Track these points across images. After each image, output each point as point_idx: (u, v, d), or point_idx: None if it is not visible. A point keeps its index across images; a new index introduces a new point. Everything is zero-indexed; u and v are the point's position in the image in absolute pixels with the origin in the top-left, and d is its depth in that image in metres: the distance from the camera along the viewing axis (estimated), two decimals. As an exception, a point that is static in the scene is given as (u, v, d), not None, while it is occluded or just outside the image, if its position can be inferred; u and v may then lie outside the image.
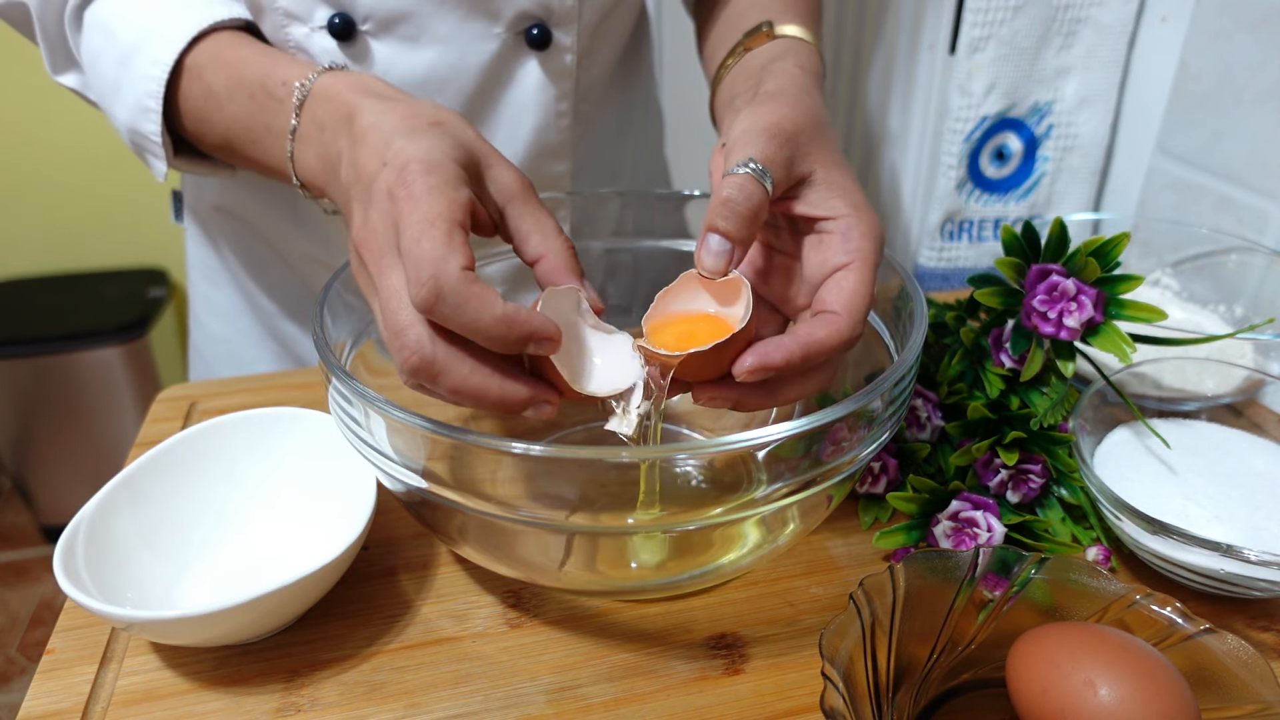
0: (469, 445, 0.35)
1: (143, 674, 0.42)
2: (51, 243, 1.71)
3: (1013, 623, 0.39)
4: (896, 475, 0.51)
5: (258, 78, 0.45)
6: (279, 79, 0.44)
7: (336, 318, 0.45)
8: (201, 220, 0.69)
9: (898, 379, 0.38)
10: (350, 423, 0.39)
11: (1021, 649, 0.37)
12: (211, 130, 0.49)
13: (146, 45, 0.48)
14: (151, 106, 0.48)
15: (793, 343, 0.36)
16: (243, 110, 0.46)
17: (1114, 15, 0.75)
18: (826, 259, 0.39)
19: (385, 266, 0.36)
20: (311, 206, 0.62)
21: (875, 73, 0.92)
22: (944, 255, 0.85)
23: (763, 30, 0.51)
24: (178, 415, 0.61)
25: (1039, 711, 0.35)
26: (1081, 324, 0.48)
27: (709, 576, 0.43)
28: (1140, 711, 0.33)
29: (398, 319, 0.34)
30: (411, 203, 0.34)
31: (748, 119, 0.40)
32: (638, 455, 0.39)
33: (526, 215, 0.39)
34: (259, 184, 0.62)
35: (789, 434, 0.35)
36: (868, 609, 0.37)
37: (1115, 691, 0.33)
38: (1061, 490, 0.50)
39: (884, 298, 0.48)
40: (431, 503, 0.39)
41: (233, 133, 0.47)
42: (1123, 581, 0.38)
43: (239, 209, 0.65)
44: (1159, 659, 0.34)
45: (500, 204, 0.39)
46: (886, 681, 0.37)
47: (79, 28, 0.51)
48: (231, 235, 0.67)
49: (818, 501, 0.41)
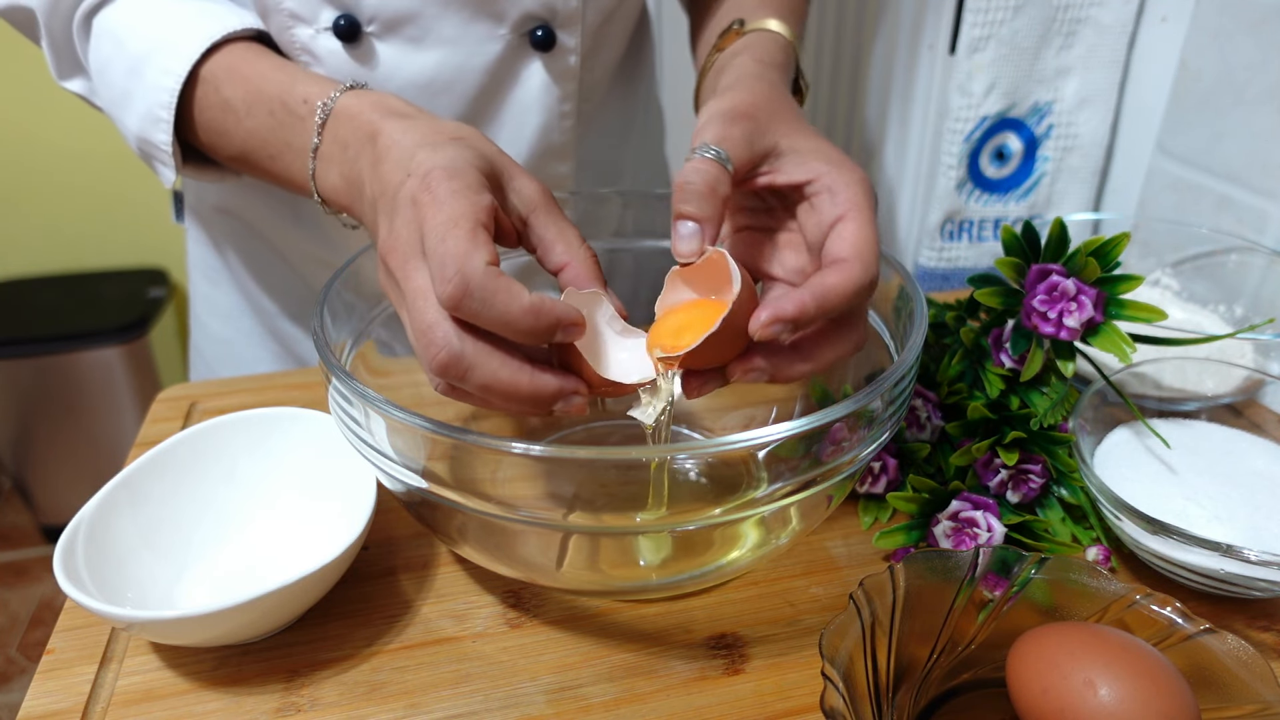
0: (469, 445, 0.35)
1: (143, 674, 0.42)
2: (51, 243, 1.71)
3: (1013, 623, 0.39)
4: (896, 475, 0.51)
5: (277, 94, 0.46)
6: (300, 96, 0.45)
7: (336, 318, 0.45)
8: (203, 220, 0.69)
9: (898, 379, 0.38)
10: (350, 423, 0.39)
11: (1021, 649, 0.37)
12: (228, 143, 0.49)
13: (158, 55, 0.48)
14: (163, 116, 0.48)
15: (804, 292, 0.35)
16: (262, 125, 0.46)
17: (1114, 15, 0.75)
18: (821, 219, 0.39)
19: (410, 270, 0.36)
20: (313, 207, 0.62)
21: (875, 73, 0.92)
22: (944, 255, 0.85)
23: (733, 29, 0.52)
24: (178, 415, 0.61)
25: (1039, 711, 0.35)
26: (1081, 324, 0.48)
27: (709, 576, 0.43)
28: (1140, 711, 0.33)
29: (424, 318, 0.34)
30: (435, 206, 0.35)
31: (703, 113, 0.41)
32: (639, 455, 0.39)
33: (550, 224, 0.39)
34: (260, 185, 0.62)
35: (789, 434, 0.35)
36: (868, 609, 0.37)
37: (1115, 691, 0.33)
38: (1061, 490, 0.50)
39: (884, 298, 0.48)
40: (431, 503, 0.39)
41: (249, 146, 0.48)
42: (1123, 581, 0.38)
43: (240, 209, 0.65)
44: (1159, 659, 0.34)
45: (524, 214, 0.40)
46: (886, 681, 0.37)
47: (87, 35, 0.51)
48: (233, 235, 0.67)
49: (818, 501, 0.41)
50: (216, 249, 0.69)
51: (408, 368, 0.56)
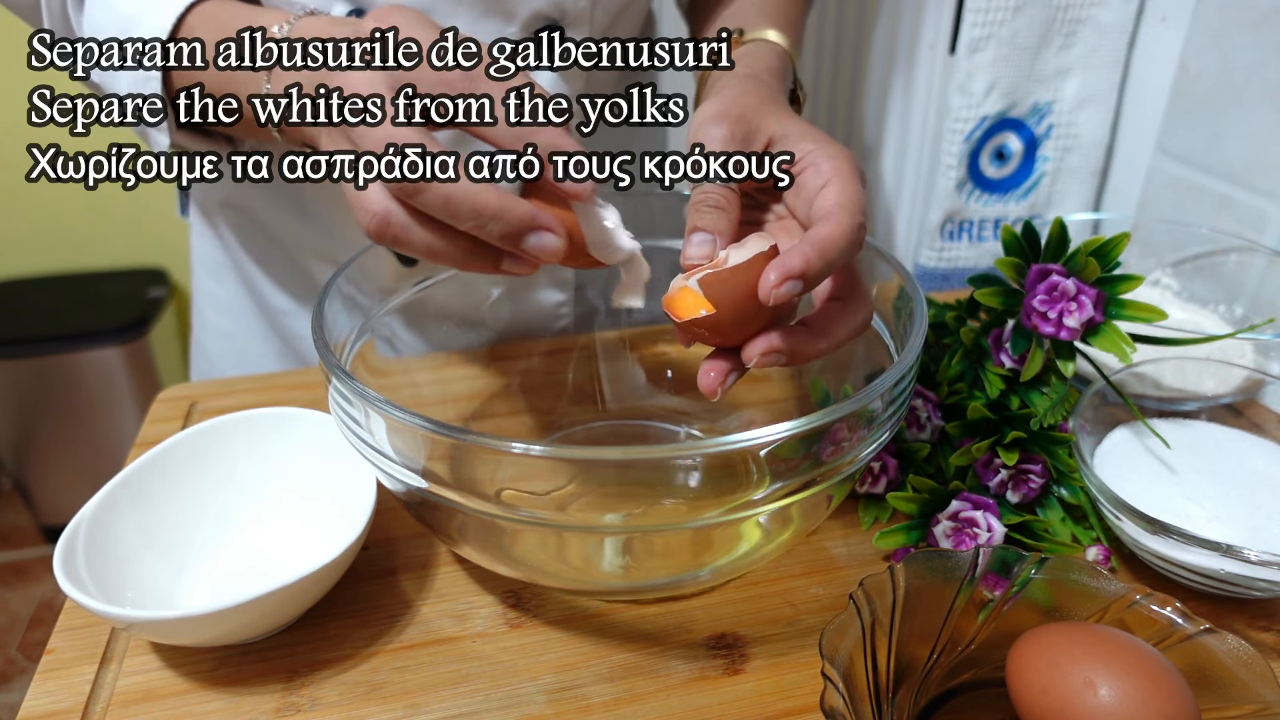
0: (469, 445, 0.35)
1: (143, 674, 0.42)
2: (51, 243, 1.71)
3: (1013, 623, 0.39)
4: (896, 475, 0.51)
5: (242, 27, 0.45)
6: (260, 26, 0.44)
7: (337, 317, 0.45)
8: (207, 215, 0.69)
9: (897, 379, 0.38)
10: (350, 423, 0.39)
11: (1021, 649, 0.37)
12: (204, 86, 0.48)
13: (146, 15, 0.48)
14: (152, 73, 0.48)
15: (802, 245, 0.35)
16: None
17: (1114, 15, 0.75)
18: (809, 192, 0.39)
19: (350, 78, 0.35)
20: (319, 200, 0.62)
21: (875, 73, 0.92)
22: (944, 255, 0.85)
23: (732, 38, 0.52)
24: (178, 415, 0.61)
25: (1039, 711, 0.35)
26: (1081, 324, 0.48)
27: (709, 577, 0.43)
28: (1140, 711, 0.33)
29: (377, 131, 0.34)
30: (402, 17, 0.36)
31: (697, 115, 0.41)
32: (636, 455, 0.39)
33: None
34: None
35: (790, 434, 0.35)
36: (868, 609, 0.37)
37: (1115, 691, 0.33)
38: (1062, 490, 0.50)
39: (884, 297, 0.48)
40: (431, 503, 0.39)
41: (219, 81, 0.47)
42: (1123, 581, 0.38)
43: (245, 203, 0.65)
44: (1159, 659, 0.35)
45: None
46: (886, 681, 0.37)
47: (80, 6, 0.51)
48: (237, 230, 0.67)
49: (818, 502, 0.41)
50: (221, 244, 0.69)
51: (408, 368, 0.56)
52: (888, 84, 0.90)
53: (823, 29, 1.00)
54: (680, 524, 0.39)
